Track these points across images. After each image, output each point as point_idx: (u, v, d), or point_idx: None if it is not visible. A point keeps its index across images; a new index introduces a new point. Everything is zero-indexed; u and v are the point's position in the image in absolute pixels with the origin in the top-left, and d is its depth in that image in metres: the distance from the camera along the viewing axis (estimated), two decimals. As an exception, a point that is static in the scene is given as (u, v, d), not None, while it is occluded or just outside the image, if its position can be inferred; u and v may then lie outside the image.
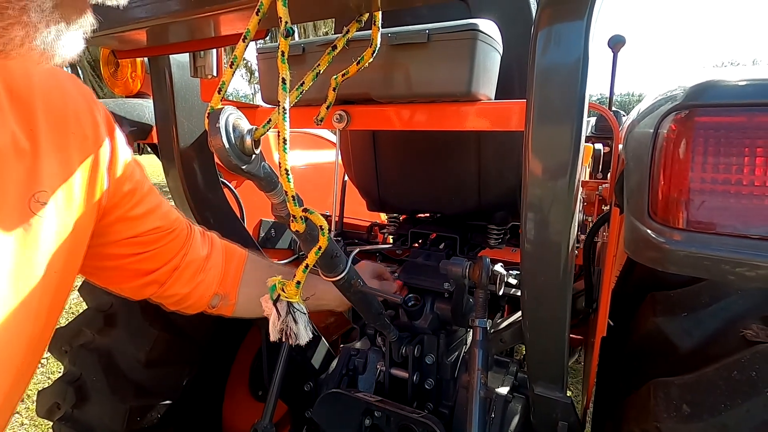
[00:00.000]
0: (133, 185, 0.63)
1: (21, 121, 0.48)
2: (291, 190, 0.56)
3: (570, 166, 0.52)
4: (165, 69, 0.92)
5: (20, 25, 0.35)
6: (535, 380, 0.77)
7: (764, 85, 0.45)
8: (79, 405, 1.07)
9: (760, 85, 0.45)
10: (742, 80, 0.47)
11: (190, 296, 0.74)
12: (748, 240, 0.45)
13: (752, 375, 0.57)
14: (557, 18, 0.50)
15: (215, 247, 0.78)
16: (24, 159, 0.48)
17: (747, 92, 0.45)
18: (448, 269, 0.84)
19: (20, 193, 0.47)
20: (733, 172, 0.45)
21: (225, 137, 0.50)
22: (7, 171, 0.46)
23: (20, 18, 0.34)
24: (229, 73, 0.53)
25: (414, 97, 0.79)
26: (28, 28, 0.35)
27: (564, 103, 0.51)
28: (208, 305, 0.77)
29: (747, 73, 0.48)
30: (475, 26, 0.71)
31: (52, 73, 0.55)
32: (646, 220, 0.51)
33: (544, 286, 0.62)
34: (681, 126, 0.47)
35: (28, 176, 0.48)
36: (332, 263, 0.72)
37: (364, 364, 1.09)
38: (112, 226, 0.63)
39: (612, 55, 1.67)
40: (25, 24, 0.35)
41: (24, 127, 0.48)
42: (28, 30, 0.35)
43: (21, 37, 0.35)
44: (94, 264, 0.66)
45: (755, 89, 0.45)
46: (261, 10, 0.50)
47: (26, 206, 0.48)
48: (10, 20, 0.34)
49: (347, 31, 0.67)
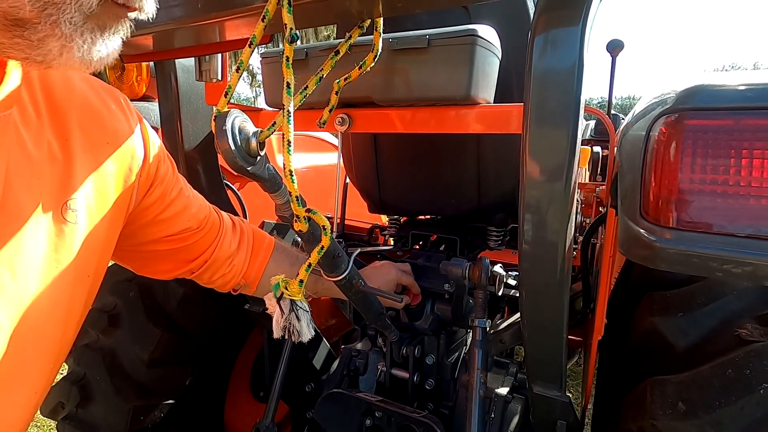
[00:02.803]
0: (162, 190, 0.65)
1: (56, 130, 0.50)
2: (295, 190, 0.57)
3: (566, 168, 0.53)
4: (171, 73, 0.94)
5: (54, 38, 0.35)
6: (534, 380, 0.78)
7: (750, 90, 0.47)
8: (83, 404, 1.08)
9: (747, 90, 0.47)
10: (729, 85, 0.48)
11: (214, 282, 0.78)
12: (735, 238, 0.47)
13: (746, 373, 0.58)
14: (553, 24, 0.51)
15: (244, 240, 0.79)
16: (57, 167, 0.49)
17: (734, 96, 0.47)
18: (448, 270, 0.85)
19: (54, 201, 0.48)
20: (721, 173, 0.46)
21: (231, 139, 0.52)
22: (42, 180, 0.47)
23: (53, 31, 0.35)
24: (236, 77, 0.54)
25: (414, 101, 0.81)
26: (63, 40, 0.36)
27: (560, 106, 0.52)
28: (231, 290, 0.81)
29: (735, 78, 0.49)
30: (474, 32, 0.73)
31: (87, 80, 0.56)
32: (639, 219, 0.53)
33: (541, 286, 0.63)
34: (671, 129, 0.49)
35: (60, 184, 0.49)
36: (334, 263, 0.73)
37: (365, 364, 1.09)
38: (142, 229, 0.65)
39: (611, 59, 1.69)
40: (59, 36, 0.35)
41: (59, 136, 0.50)
42: (63, 42, 0.36)
43: (58, 48, 0.36)
44: (126, 255, 0.69)
45: (742, 94, 0.47)
46: (266, 17, 0.51)
47: (59, 214, 0.49)
48: (43, 33, 0.35)
49: (350, 36, 0.68)
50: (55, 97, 0.51)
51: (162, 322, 1.13)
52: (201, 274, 0.75)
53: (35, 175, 0.47)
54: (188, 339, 1.16)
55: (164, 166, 0.66)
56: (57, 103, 0.51)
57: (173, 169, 0.69)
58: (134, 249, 0.68)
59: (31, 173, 0.46)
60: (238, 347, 1.33)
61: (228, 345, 1.29)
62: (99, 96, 0.56)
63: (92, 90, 0.56)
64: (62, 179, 0.49)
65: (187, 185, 0.73)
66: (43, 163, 0.48)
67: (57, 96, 0.51)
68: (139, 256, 0.70)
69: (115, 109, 0.58)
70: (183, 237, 0.69)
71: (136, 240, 0.66)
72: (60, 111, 0.51)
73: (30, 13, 0.34)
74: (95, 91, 0.57)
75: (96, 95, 0.56)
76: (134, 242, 0.66)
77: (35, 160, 0.47)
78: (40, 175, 0.47)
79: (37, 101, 0.49)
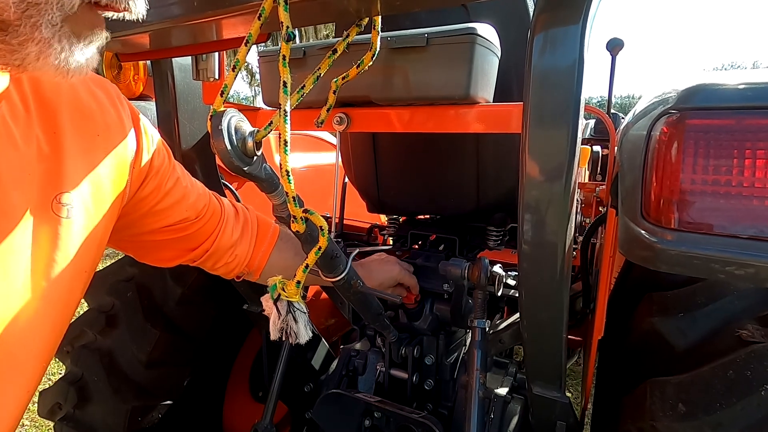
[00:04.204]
0: (158, 181, 0.64)
1: (45, 125, 0.49)
2: (292, 191, 0.57)
3: (566, 168, 0.53)
4: (167, 72, 0.93)
5: (33, 41, 0.36)
6: (533, 380, 0.77)
7: (753, 89, 0.46)
8: (80, 405, 1.08)
9: (749, 89, 0.46)
10: (731, 84, 0.48)
11: (218, 270, 0.78)
12: (738, 239, 0.46)
13: (747, 374, 0.57)
14: (553, 23, 0.51)
15: (247, 228, 0.79)
16: (46, 162, 0.49)
17: (736, 96, 0.47)
18: (447, 270, 0.85)
19: (42, 196, 0.48)
20: (723, 174, 0.46)
21: (227, 139, 0.51)
22: (30, 176, 0.47)
23: (33, 35, 0.36)
24: (232, 76, 0.54)
25: (413, 100, 0.80)
26: (41, 44, 0.36)
27: (560, 105, 0.52)
28: (235, 277, 0.81)
29: (737, 77, 0.49)
30: (473, 30, 0.72)
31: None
32: (639, 220, 0.52)
33: (541, 286, 0.62)
34: (672, 128, 0.48)
35: (49, 179, 0.49)
36: (332, 264, 0.73)
37: (363, 365, 1.09)
38: (139, 220, 0.65)
39: (611, 58, 1.69)
40: (38, 41, 0.36)
41: (47, 131, 0.49)
42: (42, 46, 0.36)
43: (36, 53, 0.37)
44: (126, 245, 0.69)
45: (744, 93, 0.46)
46: (263, 15, 0.51)
47: (48, 209, 0.48)
48: (24, 37, 0.36)
49: (347, 35, 0.68)
50: (44, 90, 0.50)
51: (160, 322, 1.12)
52: (203, 262, 0.75)
53: (25, 170, 0.47)
54: (186, 339, 1.15)
55: (159, 157, 0.65)
56: (45, 97, 0.50)
57: (169, 159, 0.68)
58: (133, 239, 0.67)
59: (21, 169, 0.46)
60: (237, 347, 1.33)
61: (226, 345, 1.29)
62: (88, 89, 0.56)
63: (82, 83, 0.56)
64: (52, 174, 0.49)
65: (185, 174, 0.72)
66: (32, 159, 0.47)
67: (45, 90, 0.51)
68: (138, 246, 0.70)
69: (106, 101, 0.57)
70: (181, 227, 0.69)
71: (133, 231, 0.66)
72: (49, 105, 0.50)
73: (13, 15, 0.34)
74: (84, 83, 0.56)
75: (85, 88, 0.56)
76: (132, 233, 0.66)
77: (24, 155, 0.47)
78: (29, 171, 0.47)
79: (26, 95, 0.49)
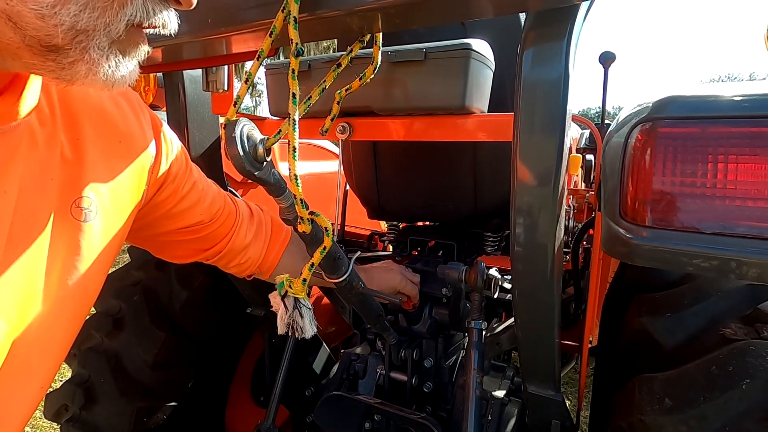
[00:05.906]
0: (174, 186, 0.67)
1: (69, 132, 0.52)
2: (299, 193, 0.60)
3: (555, 173, 0.57)
4: (179, 83, 0.97)
5: (83, 62, 0.39)
6: (528, 379, 0.80)
7: (716, 101, 0.52)
8: (87, 406, 1.10)
9: (712, 101, 0.52)
10: (698, 96, 0.53)
11: (230, 269, 0.81)
12: (703, 235, 0.51)
13: (729, 370, 0.60)
14: (540, 39, 0.55)
15: (261, 230, 0.82)
16: (67, 168, 0.51)
17: (702, 107, 0.52)
18: (445, 273, 0.88)
19: (62, 200, 0.50)
20: (689, 176, 0.51)
21: (240, 146, 0.55)
22: (52, 180, 0.49)
23: (83, 56, 0.38)
24: (244, 88, 0.58)
25: (412, 110, 0.85)
26: (90, 64, 0.39)
27: (548, 115, 0.56)
28: (246, 276, 0.85)
29: (704, 90, 0.54)
30: (468, 45, 0.77)
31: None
32: (618, 219, 0.57)
33: (533, 286, 0.66)
34: (646, 136, 0.54)
35: (70, 184, 0.51)
36: (335, 265, 0.76)
37: (364, 368, 1.11)
38: (154, 222, 0.67)
39: (603, 70, 1.74)
40: (87, 61, 0.39)
41: (71, 137, 0.52)
42: (91, 66, 0.39)
43: (85, 71, 0.39)
44: (142, 242, 0.72)
45: (708, 104, 0.52)
46: (274, 33, 0.55)
47: (68, 213, 0.50)
48: (73, 58, 0.38)
49: (351, 50, 0.72)
50: (70, 98, 0.53)
51: (166, 325, 1.15)
52: (217, 261, 0.78)
53: (47, 174, 0.49)
54: (191, 342, 1.18)
55: (177, 163, 0.67)
56: (71, 104, 0.53)
57: (187, 164, 0.71)
58: (148, 238, 0.71)
59: (43, 173, 0.48)
60: (240, 351, 1.35)
61: (230, 348, 1.31)
62: (112, 97, 0.58)
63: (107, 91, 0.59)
64: (73, 179, 0.51)
65: (201, 177, 0.74)
66: (55, 163, 0.50)
67: (72, 97, 0.53)
68: (154, 243, 0.74)
69: (128, 109, 0.60)
70: (196, 229, 0.72)
71: (148, 231, 0.68)
72: (74, 112, 0.53)
73: (62, 41, 0.37)
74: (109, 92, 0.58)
75: (109, 96, 0.58)
76: (147, 233, 0.69)
77: (47, 159, 0.49)
78: (51, 175, 0.49)
79: (53, 101, 0.51)
